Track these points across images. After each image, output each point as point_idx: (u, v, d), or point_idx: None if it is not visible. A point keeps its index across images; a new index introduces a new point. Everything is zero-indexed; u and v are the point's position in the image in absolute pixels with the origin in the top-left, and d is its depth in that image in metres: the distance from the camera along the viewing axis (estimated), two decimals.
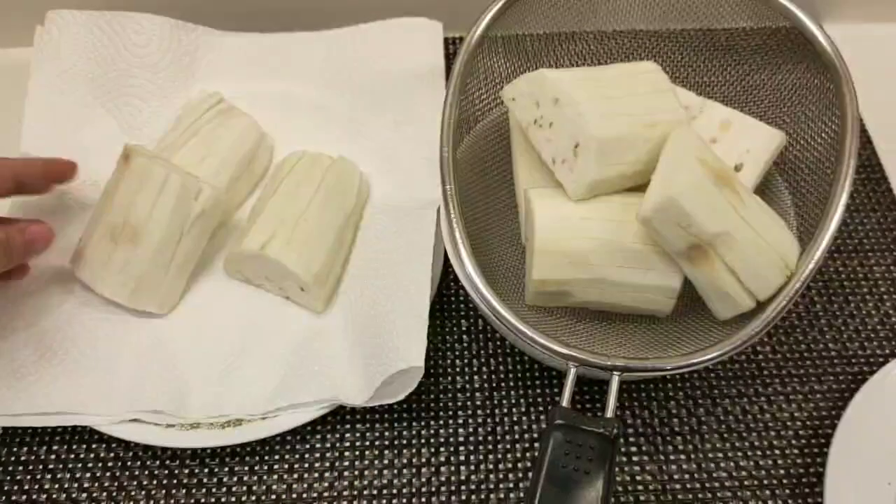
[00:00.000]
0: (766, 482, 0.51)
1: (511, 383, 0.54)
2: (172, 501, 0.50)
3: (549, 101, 0.48)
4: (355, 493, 0.50)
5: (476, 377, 0.55)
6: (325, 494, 0.50)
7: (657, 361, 0.44)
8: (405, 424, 0.53)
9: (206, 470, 0.51)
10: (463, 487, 0.50)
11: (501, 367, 0.55)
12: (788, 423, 0.53)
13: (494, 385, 0.54)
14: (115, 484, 0.51)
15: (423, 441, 0.52)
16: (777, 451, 0.52)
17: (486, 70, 0.55)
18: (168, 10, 0.64)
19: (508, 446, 0.52)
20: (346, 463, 0.51)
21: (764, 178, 0.54)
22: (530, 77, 0.50)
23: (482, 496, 0.50)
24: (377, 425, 0.53)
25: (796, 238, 0.48)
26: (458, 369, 0.55)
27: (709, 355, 0.44)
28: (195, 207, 0.52)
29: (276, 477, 0.51)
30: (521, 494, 0.50)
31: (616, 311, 0.51)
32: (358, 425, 0.53)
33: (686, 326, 0.50)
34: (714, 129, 0.53)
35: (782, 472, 0.51)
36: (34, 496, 0.50)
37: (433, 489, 0.50)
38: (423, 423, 0.53)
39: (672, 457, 0.52)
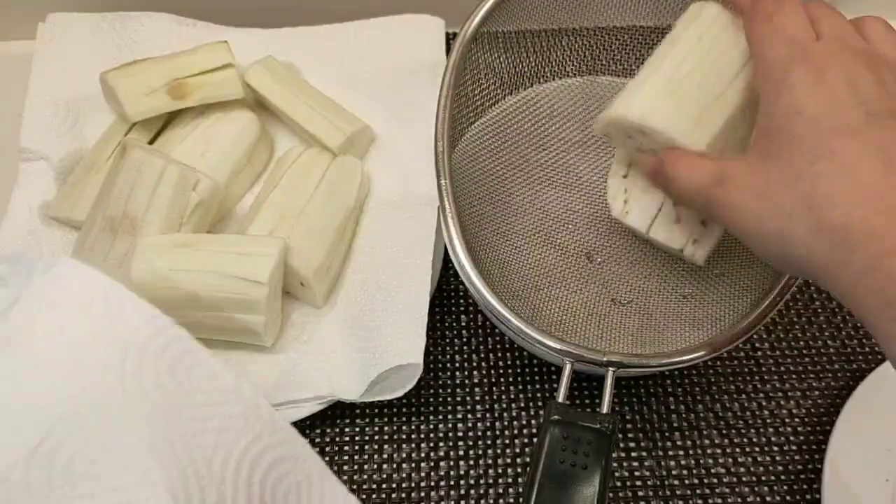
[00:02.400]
0: (764, 478, 0.51)
1: (510, 379, 0.54)
2: None
3: (636, 132, 0.45)
4: (354, 487, 0.50)
5: (475, 372, 0.55)
6: None
7: (653, 357, 0.45)
8: (404, 419, 0.53)
9: None
10: (462, 482, 0.51)
11: (500, 363, 0.55)
12: (787, 420, 0.53)
13: (493, 380, 0.54)
14: None
15: (421, 436, 0.52)
16: (775, 447, 0.52)
17: (481, 65, 0.55)
18: (169, 8, 0.64)
19: (507, 441, 0.52)
20: (346, 458, 0.51)
21: None
22: (605, 118, 0.45)
23: (481, 491, 0.50)
24: (376, 420, 0.53)
25: None
26: (457, 365, 0.55)
27: (705, 351, 0.44)
28: (193, 198, 0.53)
29: None
30: (520, 490, 0.50)
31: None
32: (357, 420, 0.53)
33: (685, 325, 0.50)
34: None
35: (780, 468, 0.51)
36: None
37: (432, 484, 0.51)
38: (422, 418, 0.53)
39: (670, 452, 0.52)
